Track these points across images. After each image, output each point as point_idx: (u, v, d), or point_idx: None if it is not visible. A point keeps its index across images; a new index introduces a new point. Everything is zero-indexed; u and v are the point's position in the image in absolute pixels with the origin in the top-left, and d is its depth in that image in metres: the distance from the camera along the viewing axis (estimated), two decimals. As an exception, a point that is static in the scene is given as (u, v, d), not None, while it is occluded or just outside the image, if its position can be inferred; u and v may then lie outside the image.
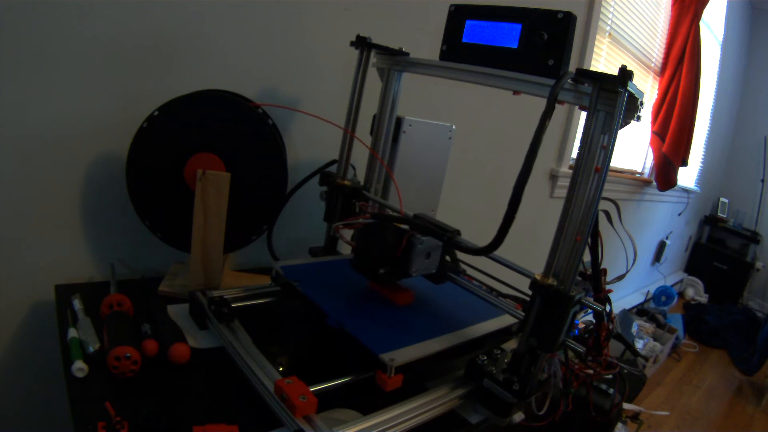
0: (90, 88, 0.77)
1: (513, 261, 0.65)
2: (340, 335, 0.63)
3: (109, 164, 0.81)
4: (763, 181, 4.09)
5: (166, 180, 0.77)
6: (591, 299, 0.61)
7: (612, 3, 2.05)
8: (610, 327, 0.60)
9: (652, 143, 2.87)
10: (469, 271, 0.80)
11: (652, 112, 2.81)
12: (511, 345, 0.67)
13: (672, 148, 2.76)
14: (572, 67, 0.58)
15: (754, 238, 4.10)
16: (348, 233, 0.80)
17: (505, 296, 0.79)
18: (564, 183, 1.92)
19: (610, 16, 2.07)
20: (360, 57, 0.85)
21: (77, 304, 0.69)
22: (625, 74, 0.52)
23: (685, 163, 2.93)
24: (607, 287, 0.65)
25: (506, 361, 0.62)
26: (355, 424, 0.52)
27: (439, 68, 0.75)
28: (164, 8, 0.81)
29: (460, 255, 0.79)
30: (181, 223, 0.76)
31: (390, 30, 1.14)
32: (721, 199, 4.39)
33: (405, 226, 0.71)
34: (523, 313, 0.68)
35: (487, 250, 0.61)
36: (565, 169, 1.94)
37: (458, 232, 0.68)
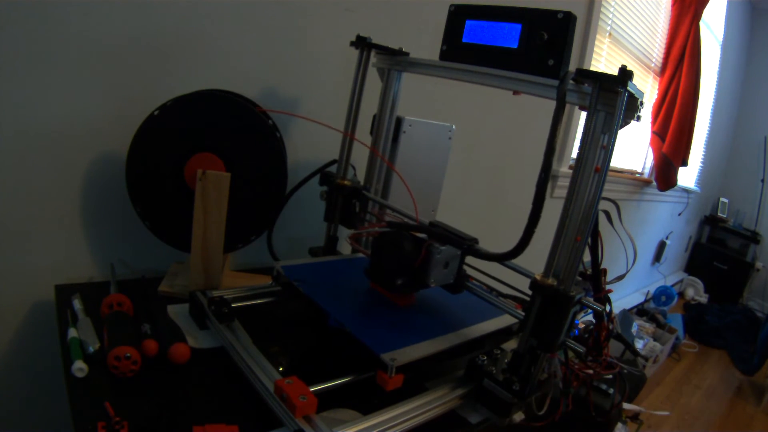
0: (90, 88, 0.77)
1: (513, 261, 0.65)
2: (341, 335, 0.63)
3: (109, 164, 0.81)
4: (763, 181, 4.09)
5: (166, 180, 0.77)
6: (591, 299, 0.61)
7: (612, 3, 2.05)
8: (610, 327, 0.60)
9: (652, 143, 2.87)
10: (469, 271, 0.80)
11: (652, 112, 2.81)
12: (511, 345, 0.67)
13: (672, 148, 2.76)
14: (572, 67, 0.58)
15: (754, 238, 4.10)
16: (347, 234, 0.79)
17: (505, 296, 0.79)
18: (564, 183, 1.92)
19: (610, 16, 2.07)
20: (360, 57, 0.85)
21: (77, 304, 0.69)
22: (625, 74, 0.52)
23: (685, 163, 2.93)
24: (607, 287, 0.65)
25: (506, 361, 0.62)
26: (355, 424, 0.52)
27: (439, 68, 0.75)
28: (164, 8, 0.81)
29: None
30: (181, 223, 0.76)
31: (390, 30, 1.14)
32: (721, 199, 4.39)
33: (422, 235, 0.69)
34: (523, 313, 0.68)
35: (510, 256, 0.60)
36: (565, 169, 1.94)
37: (476, 240, 0.67)
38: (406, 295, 0.74)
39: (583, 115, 0.57)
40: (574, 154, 1.96)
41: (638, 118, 0.57)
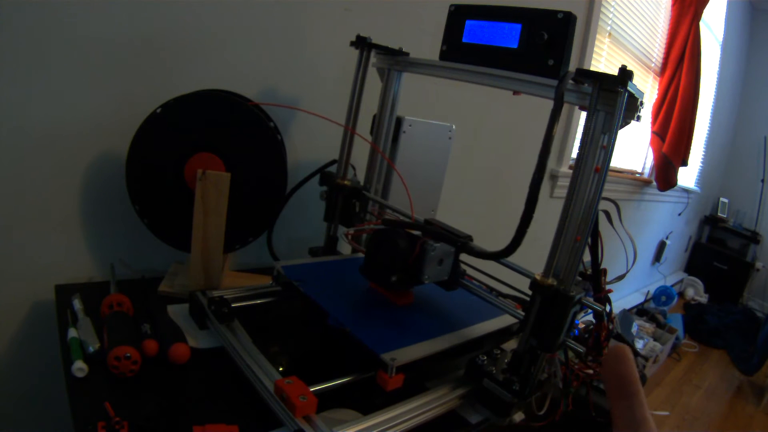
0: (90, 87, 0.77)
1: (513, 261, 0.65)
2: (341, 335, 0.63)
3: (109, 164, 0.81)
4: (763, 181, 4.09)
5: (166, 179, 0.77)
6: (591, 299, 0.61)
7: (612, 3, 2.05)
8: (610, 327, 0.60)
9: (652, 143, 2.87)
10: (469, 271, 0.80)
11: (652, 112, 2.82)
12: (511, 345, 0.67)
13: (672, 148, 2.76)
14: (572, 67, 0.58)
15: (754, 238, 4.10)
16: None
17: (505, 296, 0.79)
18: (564, 183, 1.92)
19: (610, 16, 2.08)
20: (360, 57, 0.85)
21: (77, 304, 0.69)
22: (625, 74, 0.52)
23: (685, 163, 2.93)
24: (607, 287, 0.65)
25: (506, 361, 0.62)
26: (355, 424, 0.52)
27: (439, 68, 0.75)
28: (164, 8, 0.81)
29: (463, 256, 0.78)
30: (181, 222, 0.76)
31: (390, 30, 1.14)
32: (721, 199, 4.39)
33: (417, 232, 0.69)
34: (523, 313, 0.68)
35: (502, 255, 0.60)
36: (565, 169, 1.94)
37: (470, 238, 0.67)
38: (404, 294, 0.74)
39: (583, 115, 0.57)
40: (574, 154, 1.96)
41: (638, 118, 0.57)
